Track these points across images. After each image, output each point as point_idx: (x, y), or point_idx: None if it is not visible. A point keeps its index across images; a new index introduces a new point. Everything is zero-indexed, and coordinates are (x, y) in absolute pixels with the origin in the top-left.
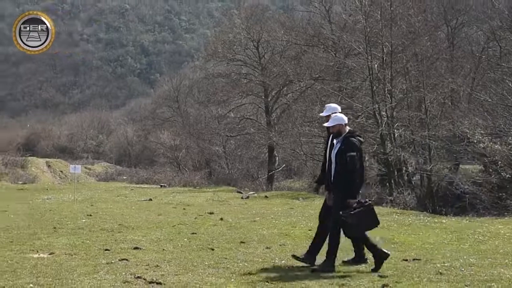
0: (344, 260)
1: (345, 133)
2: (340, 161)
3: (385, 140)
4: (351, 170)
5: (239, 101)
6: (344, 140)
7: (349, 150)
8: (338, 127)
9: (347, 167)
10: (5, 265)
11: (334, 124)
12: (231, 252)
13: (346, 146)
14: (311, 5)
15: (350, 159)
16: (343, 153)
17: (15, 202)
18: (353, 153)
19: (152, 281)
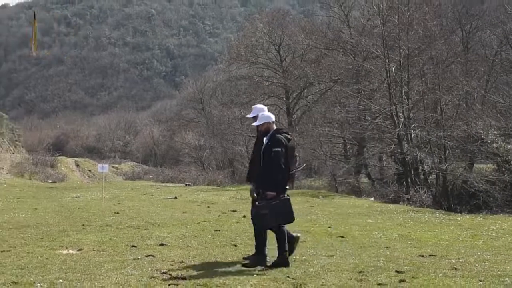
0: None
1: (273, 130)
2: (266, 156)
3: (402, 140)
4: (276, 165)
5: (261, 103)
6: (271, 137)
7: (275, 146)
8: (266, 125)
9: (272, 162)
10: (36, 261)
11: (262, 123)
12: (253, 248)
13: (272, 142)
14: (331, 10)
15: (275, 154)
16: (269, 149)
17: (45, 200)
18: (278, 149)
19: (177, 276)
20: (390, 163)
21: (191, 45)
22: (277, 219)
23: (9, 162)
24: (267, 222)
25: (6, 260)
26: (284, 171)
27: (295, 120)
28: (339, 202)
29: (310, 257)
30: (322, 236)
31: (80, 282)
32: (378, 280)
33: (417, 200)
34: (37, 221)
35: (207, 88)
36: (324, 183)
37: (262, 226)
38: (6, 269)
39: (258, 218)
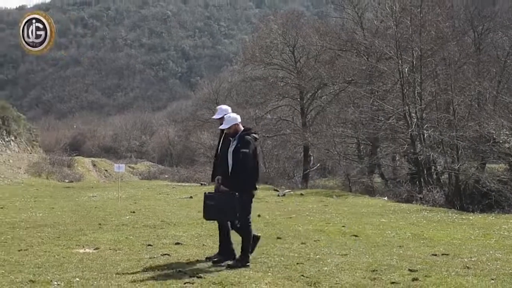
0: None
1: (240, 131)
2: (235, 158)
3: (415, 141)
4: (244, 166)
5: (275, 103)
6: (240, 138)
7: (244, 147)
8: (234, 126)
9: (240, 163)
10: (53, 260)
11: (230, 125)
12: (268, 247)
13: (241, 144)
14: (344, 12)
15: (243, 156)
16: (238, 150)
17: (62, 200)
18: (246, 150)
19: (193, 275)
20: (403, 163)
21: (206, 46)
22: (220, 213)
23: (26, 162)
24: (211, 214)
25: (24, 258)
26: (252, 171)
27: (309, 120)
28: (353, 202)
29: (324, 255)
30: (336, 235)
31: (97, 281)
32: (391, 278)
33: (430, 200)
34: (54, 220)
35: (222, 89)
36: (338, 182)
37: (206, 217)
38: (23, 268)
39: (206, 209)
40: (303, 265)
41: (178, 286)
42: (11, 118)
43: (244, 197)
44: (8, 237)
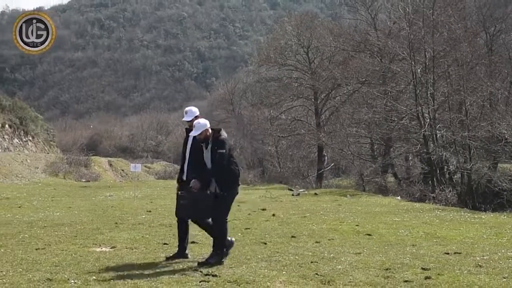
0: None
1: (211, 134)
2: (214, 161)
3: (428, 141)
4: (220, 166)
5: (290, 104)
6: (214, 141)
7: (220, 148)
8: (205, 132)
9: (218, 164)
10: (70, 258)
11: (201, 131)
12: (282, 246)
13: (217, 145)
14: (358, 13)
15: (219, 156)
16: (215, 152)
17: (79, 199)
18: (222, 150)
19: (208, 273)
20: (416, 163)
21: (222, 47)
22: (195, 212)
23: (44, 162)
24: (185, 212)
25: (41, 257)
26: (233, 170)
27: (323, 120)
28: (366, 201)
29: (338, 254)
30: (350, 234)
31: (113, 279)
32: (404, 277)
33: (443, 199)
34: (71, 219)
35: (237, 90)
36: (351, 182)
37: (180, 216)
38: (41, 266)
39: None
40: (317, 263)
41: (193, 284)
42: (28, 119)
43: (226, 196)
44: (25, 236)
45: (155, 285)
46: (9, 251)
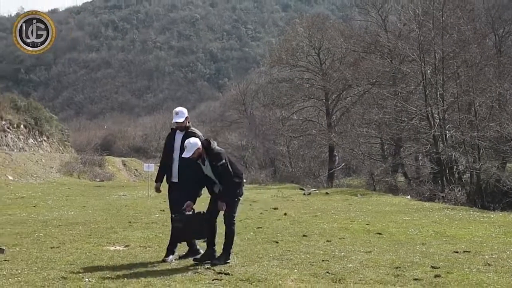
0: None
1: (204, 151)
2: (218, 174)
3: (438, 141)
4: (228, 175)
5: (301, 104)
6: (211, 156)
7: (218, 161)
8: (197, 152)
9: (224, 175)
10: (84, 257)
11: (193, 151)
12: (294, 244)
13: (215, 159)
14: (369, 15)
15: (223, 169)
16: (215, 167)
17: (93, 198)
18: (222, 162)
19: (221, 271)
20: (426, 163)
21: (234, 49)
22: (189, 234)
23: (58, 162)
24: (180, 235)
25: (56, 255)
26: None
27: (334, 121)
28: (377, 200)
29: (348, 253)
30: (360, 233)
31: (127, 277)
32: (414, 275)
33: (452, 198)
34: (86, 219)
35: (249, 90)
36: (362, 181)
37: (175, 239)
38: (56, 265)
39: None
40: (328, 262)
41: (206, 282)
42: (43, 119)
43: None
44: (40, 235)
45: (168, 283)
46: (24, 250)
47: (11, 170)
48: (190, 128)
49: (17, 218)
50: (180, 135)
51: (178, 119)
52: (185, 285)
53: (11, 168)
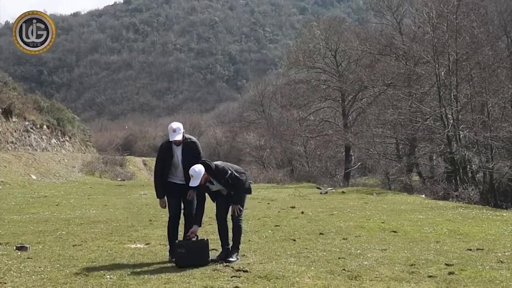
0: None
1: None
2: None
3: (451, 141)
4: (240, 185)
5: (318, 105)
6: (215, 175)
7: (225, 175)
8: (204, 178)
9: (234, 182)
10: (105, 254)
11: (200, 179)
12: (311, 242)
13: (222, 177)
14: (384, 18)
15: (232, 178)
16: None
17: (115, 197)
18: (229, 173)
19: (239, 269)
20: (440, 162)
21: (252, 51)
22: (191, 259)
23: (80, 161)
24: (182, 261)
25: (78, 253)
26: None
27: (351, 121)
28: (392, 199)
29: (364, 251)
30: (376, 231)
31: (147, 274)
32: (428, 272)
33: (465, 197)
34: (107, 217)
35: (267, 91)
36: (377, 181)
37: (177, 264)
38: (78, 262)
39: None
40: (344, 259)
41: (225, 279)
42: (66, 120)
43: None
44: (63, 233)
45: (188, 280)
46: (47, 248)
47: (34, 170)
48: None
49: (40, 216)
50: (179, 147)
51: (177, 137)
52: (205, 282)
53: (34, 168)
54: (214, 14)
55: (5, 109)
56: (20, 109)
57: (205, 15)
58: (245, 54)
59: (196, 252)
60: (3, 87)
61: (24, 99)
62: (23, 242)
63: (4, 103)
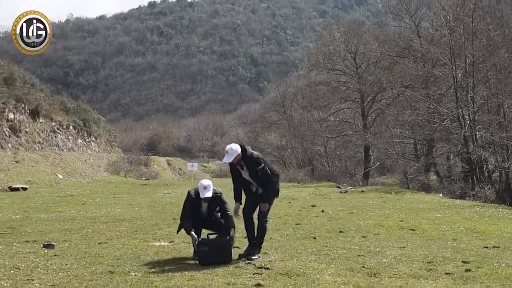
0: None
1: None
2: (257, 178)
3: (468, 141)
4: (267, 179)
5: (338, 106)
6: (248, 161)
7: (258, 165)
8: (237, 157)
9: (263, 178)
10: (130, 252)
11: (234, 157)
12: (331, 240)
13: (253, 165)
14: (402, 21)
15: (262, 173)
16: (254, 172)
17: (139, 196)
18: (261, 166)
19: (261, 266)
20: (457, 162)
21: (274, 53)
22: (214, 257)
23: (106, 161)
24: (205, 258)
25: (104, 251)
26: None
27: (370, 122)
28: (410, 198)
29: (383, 248)
30: (395, 229)
31: (171, 272)
32: (446, 269)
33: (482, 196)
34: (132, 215)
35: (288, 93)
36: (396, 180)
37: (200, 261)
38: (103, 260)
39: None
40: (364, 257)
41: (247, 276)
42: (91, 120)
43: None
44: (89, 231)
45: (211, 277)
46: (73, 245)
47: (61, 169)
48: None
49: (66, 215)
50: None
51: (207, 194)
52: (227, 279)
53: (60, 167)
54: (237, 17)
55: (33, 110)
56: (47, 110)
57: (228, 18)
58: (266, 56)
59: (218, 250)
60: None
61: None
62: (50, 240)
63: (32, 104)
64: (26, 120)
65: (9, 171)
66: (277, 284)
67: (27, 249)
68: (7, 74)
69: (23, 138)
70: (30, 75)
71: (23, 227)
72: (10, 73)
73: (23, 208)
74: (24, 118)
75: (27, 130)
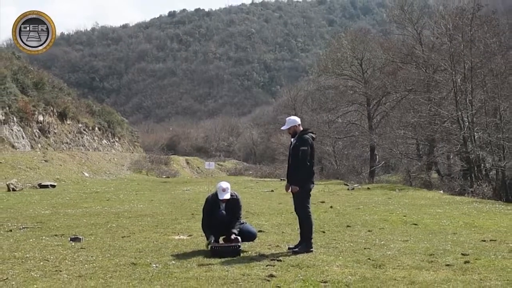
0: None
1: (299, 131)
2: (294, 155)
3: (467, 141)
4: (302, 162)
5: (345, 109)
6: (299, 137)
7: (302, 145)
8: (293, 128)
9: (299, 160)
10: (151, 245)
11: (290, 126)
12: (339, 234)
13: (300, 142)
14: (405, 30)
15: (302, 153)
16: (297, 148)
17: (160, 193)
18: (305, 148)
19: (274, 258)
20: (456, 161)
21: (286, 59)
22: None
23: (129, 160)
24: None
25: (126, 244)
26: (309, 167)
27: (375, 124)
28: (413, 195)
29: (387, 242)
30: (398, 223)
31: (190, 263)
32: (446, 261)
33: (480, 193)
34: (153, 211)
35: (299, 96)
36: (400, 178)
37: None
38: (126, 252)
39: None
40: (369, 250)
41: (261, 268)
42: (115, 122)
43: (301, 191)
44: (113, 225)
45: (227, 268)
46: (98, 239)
47: (87, 168)
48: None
49: (92, 210)
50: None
51: (225, 196)
52: (242, 270)
53: (86, 166)
54: (251, 26)
55: (61, 113)
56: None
57: (243, 26)
58: (279, 62)
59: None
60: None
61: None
62: (77, 233)
63: (60, 107)
64: (54, 122)
65: (38, 169)
66: (288, 275)
67: (56, 242)
68: (37, 79)
69: (51, 138)
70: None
71: (52, 222)
72: (40, 78)
73: (52, 204)
74: (53, 120)
75: (55, 131)
